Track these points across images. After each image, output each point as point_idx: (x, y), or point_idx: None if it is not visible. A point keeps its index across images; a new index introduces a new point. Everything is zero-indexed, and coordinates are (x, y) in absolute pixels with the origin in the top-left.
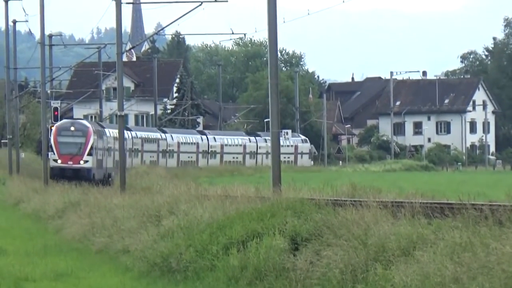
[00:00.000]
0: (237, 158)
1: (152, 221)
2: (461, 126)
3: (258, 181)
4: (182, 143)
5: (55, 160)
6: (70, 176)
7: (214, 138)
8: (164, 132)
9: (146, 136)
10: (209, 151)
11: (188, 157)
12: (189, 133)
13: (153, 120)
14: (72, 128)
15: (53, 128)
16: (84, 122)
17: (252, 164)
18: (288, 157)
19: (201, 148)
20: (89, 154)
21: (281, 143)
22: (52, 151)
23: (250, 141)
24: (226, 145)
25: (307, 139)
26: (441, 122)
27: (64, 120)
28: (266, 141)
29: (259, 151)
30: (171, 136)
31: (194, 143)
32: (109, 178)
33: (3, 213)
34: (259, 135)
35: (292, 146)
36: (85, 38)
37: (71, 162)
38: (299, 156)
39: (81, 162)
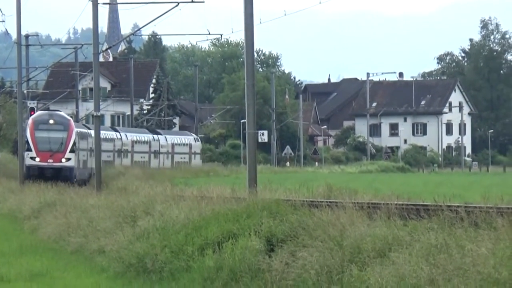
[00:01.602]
0: (144, 157)
1: (127, 222)
2: (437, 127)
3: (234, 181)
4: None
5: (33, 158)
6: (49, 176)
7: (126, 136)
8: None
9: (138, 139)
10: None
11: (107, 156)
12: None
13: (130, 121)
14: (51, 121)
15: (29, 121)
16: (64, 114)
17: (155, 165)
18: (184, 157)
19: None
20: (71, 151)
21: (177, 141)
22: (29, 147)
23: (154, 139)
24: (136, 142)
25: (198, 138)
26: (417, 124)
27: (41, 112)
28: (166, 140)
29: (161, 150)
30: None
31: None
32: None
33: None
34: (159, 133)
35: (187, 145)
36: (61, 38)
37: (51, 160)
38: (192, 156)
39: (63, 160)
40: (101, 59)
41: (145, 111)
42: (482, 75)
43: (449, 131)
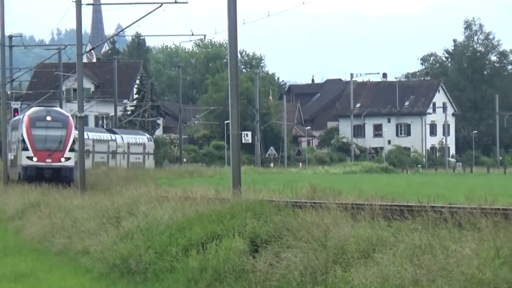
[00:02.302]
0: (103, 158)
1: (111, 223)
2: (421, 128)
3: (218, 182)
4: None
5: (30, 158)
6: (48, 177)
7: (88, 135)
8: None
9: (98, 138)
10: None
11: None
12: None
13: (113, 122)
14: (49, 118)
15: (25, 118)
16: (62, 110)
17: (112, 165)
18: (138, 158)
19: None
20: (71, 149)
21: (132, 141)
22: (25, 147)
23: (111, 139)
24: (96, 141)
25: (151, 137)
26: (401, 124)
27: (37, 108)
28: (123, 139)
29: (118, 150)
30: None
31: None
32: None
33: None
34: (116, 132)
35: (141, 145)
36: (45, 39)
37: (49, 160)
38: (146, 156)
39: (62, 159)
40: (84, 60)
41: (128, 112)
42: (466, 76)
43: (433, 132)
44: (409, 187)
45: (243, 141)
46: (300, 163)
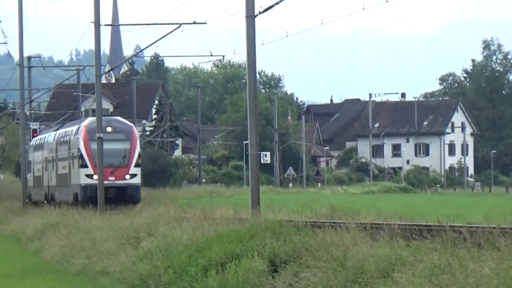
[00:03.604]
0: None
1: (131, 243)
2: (440, 148)
3: (237, 202)
4: None
5: (89, 176)
6: (112, 197)
7: None
8: None
9: None
10: None
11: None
12: None
13: None
14: (109, 129)
15: (82, 131)
16: (124, 120)
17: None
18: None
19: None
20: (137, 165)
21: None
22: (84, 163)
23: None
24: None
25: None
26: (420, 144)
27: (94, 118)
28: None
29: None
30: None
31: None
32: None
33: None
34: None
35: None
36: (64, 60)
37: (112, 178)
38: None
39: (127, 176)
40: (103, 80)
41: (147, 133)
42: (484, 96)
43: (451, 151)
44: (428, 207)
45: (262, 162)
46: (319, 183)
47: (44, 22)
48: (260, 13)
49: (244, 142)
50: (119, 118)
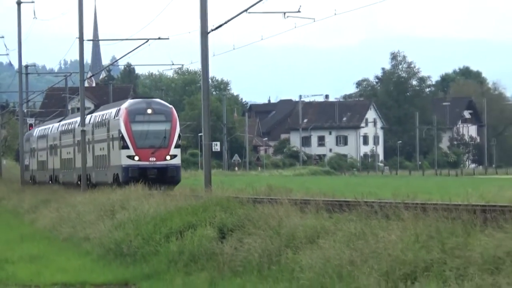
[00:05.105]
0: None
1: (107, 215)
2: (356, 139)
3: (193, 183)
4: None
5: (131, 157)
6: (153, 177)
7: None
8: None
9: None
10: None
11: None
12: None
13: None
14: (150, 111)
15: (123, 113)
16: (163, 102)
17: None
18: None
19: None
20: (177, 146)
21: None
22: (125, 144)
23: None
24: None
25: None
26: (340, 136)
27: (135, 100)
28: None
29: None
30: None
31: None
32: None
33: None
34: None
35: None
36: (54, 68)
37: (153, 159)
38: None
39: (168, 157)
40: (86, 84)
41: None
42: (392, 97)
43: (365, 142)
44: (347, 186)
45: (213, 150)
46: (259, 167)
47: (38, 37)
48: (212, 30)
49: (199, 134)
50: (158, 100)
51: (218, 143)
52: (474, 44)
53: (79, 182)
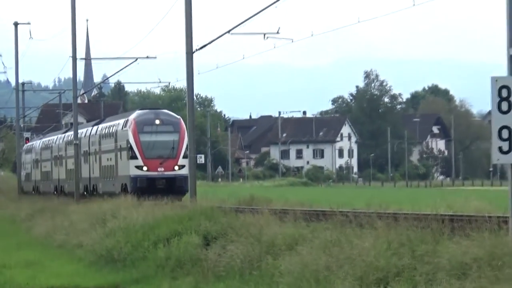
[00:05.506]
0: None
1: (99, 223)
2: (332, 152)
3: None
4: None
5: (139, 167)
6: (161, 188)
7: None
8: None
9: None
10: None
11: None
12: None
13: None
14: (157, 122)
15: (131, 123)
16: (171, 112)
17: None
18: None
19: None
20: (185, 156)
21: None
22: (133, 155)
23: None
24: None
25: None
26: (316, 150)
27: (143, 111)
28: None
29: None
30: None
31: None
32: None
33: None
34: None
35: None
36: (49, 85)
37: (162, 169)
38: None
39: (176, 167)
40: (78, 101)
41: None
42: (365, 113)
43: (341, 155)
44: (323, 197)
45: (198, 162)
46: (241, 179)
47: (34, 56)
48: (196, 50)
49: None
50: (166, 111)
51: (203, 155)
52: (443, 63)
53: (85, 193)
